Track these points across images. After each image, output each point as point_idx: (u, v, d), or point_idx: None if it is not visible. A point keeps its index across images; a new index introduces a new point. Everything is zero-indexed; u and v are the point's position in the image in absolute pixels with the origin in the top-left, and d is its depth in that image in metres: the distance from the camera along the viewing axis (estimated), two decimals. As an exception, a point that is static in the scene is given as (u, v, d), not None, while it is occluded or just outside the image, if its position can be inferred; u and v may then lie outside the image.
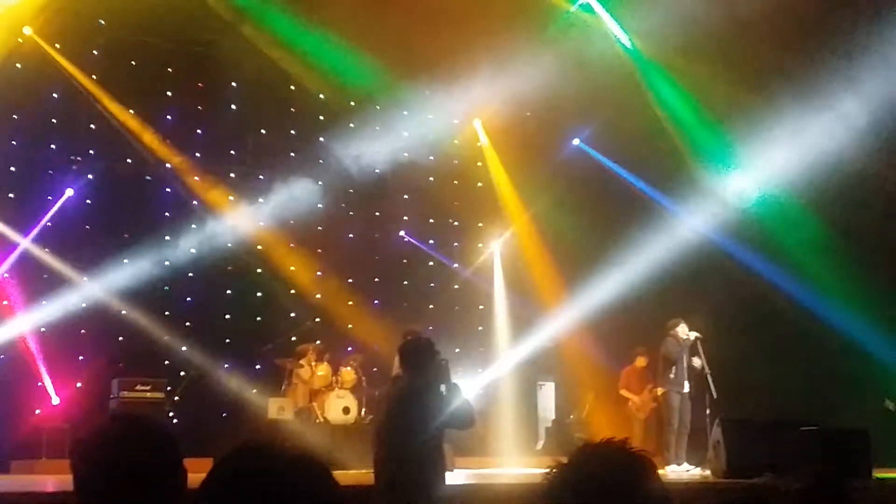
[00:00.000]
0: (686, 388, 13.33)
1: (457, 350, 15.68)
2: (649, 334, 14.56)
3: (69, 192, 14.32)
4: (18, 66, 13.89)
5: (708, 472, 12.29)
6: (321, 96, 15.89)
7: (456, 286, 17.31)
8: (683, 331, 13.39)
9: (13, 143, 14.05)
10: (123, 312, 14.19)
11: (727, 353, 13.80)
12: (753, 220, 15.80)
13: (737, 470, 11.31)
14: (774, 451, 11.21)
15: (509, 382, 16.11)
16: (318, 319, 15.64)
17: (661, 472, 8.33)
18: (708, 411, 13.00)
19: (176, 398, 13.98)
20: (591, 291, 16.13)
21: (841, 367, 14.61)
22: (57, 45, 14.29)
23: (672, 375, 13.34)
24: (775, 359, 14.81)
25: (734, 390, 13.43)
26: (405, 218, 17.14)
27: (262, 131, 15.87)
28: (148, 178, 15.02)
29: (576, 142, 17.67)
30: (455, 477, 11.17)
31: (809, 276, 15.08)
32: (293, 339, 14.96)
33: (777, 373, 14.52)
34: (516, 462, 14.43)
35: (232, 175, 15.70)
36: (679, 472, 12.86)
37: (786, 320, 15.09)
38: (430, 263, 17.20)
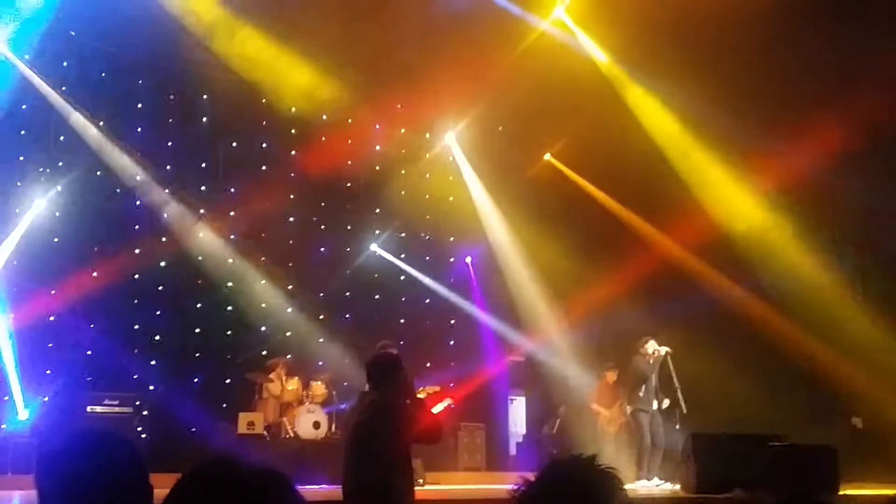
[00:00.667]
0: (655, 406, 13.35)
1: (428, 364, 15.67)
2: (620, 349, 14.63)
3: (39, 204, 14.20)
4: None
5: (678, 487, 12.32)
6: (293, 109, 15.85)
7: (427, 300, 17.29)
8: (653, 347, 13.42)
9: (-19, 154, 13.93)
10: (92, 326, 14.07)
11: (697, 369, 13.87)
12: (729, 237, 15.89)
13: (707, 485, 11.34)
14: (744, 466, 11.26)
15: (481, 397, 16.09)
16: (288, 334, 15.60)
17: (631, 486, 8.32)
18: (678, 426, 13.05)
19: (144, 413, 13.87)
20: (562, 306, 16.19)
21: (810, 383, 14.74)
22: (27, 57, 14.20)
23: (641, 394, 13.36)
24: (745, 375, 14.89)
25: (704, 406, 13.48)
26: (377, 232, 17.13)
27: (234, 144, 15.81)
28: (118, 190, 14.90)
29: (547, 156, 17.76)
30: (425, 492, 11.15)
31: (782, 293, 15.23)
32: (264, 353, 14.89)
33: (747, 389, 14.60)
34: (487, 477, 14.42)
35: (203, 188, 15.63)
36: (650, 487, 12.88)
37: (756, 336, 15.21)
38: (402, 278, 17.18)
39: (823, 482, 10.63)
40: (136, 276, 14.53)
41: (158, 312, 14.88)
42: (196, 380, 14.65)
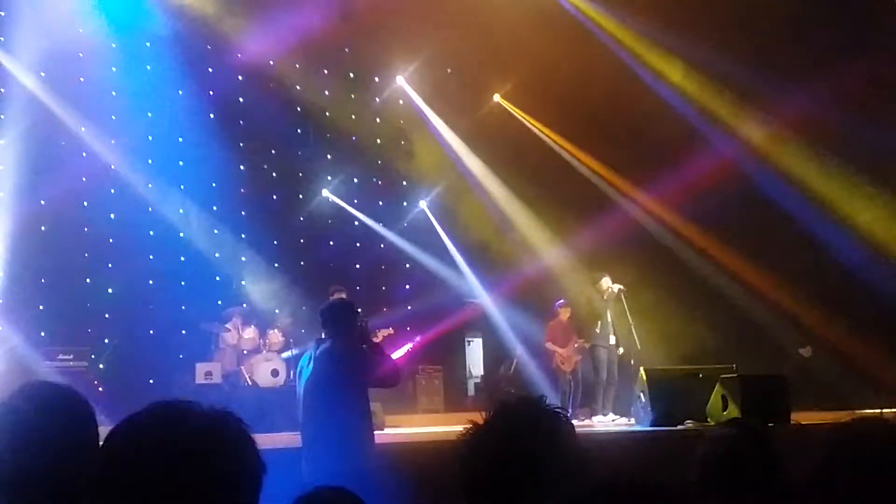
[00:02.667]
0: (612, 341, 13.53)
1: (384, 309, 15.72)
2: (573, 287, 14.76)
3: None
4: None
5: (633, 422, 12.54)
6: (239, 56, 15.61)
7: (381, 245, 17.26)
8: (607, 283, 13.58)
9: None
10: (42, 280, 13.91)
11: (650, 305, 14.05)
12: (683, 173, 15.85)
13: (661, 418, 11.56)
14: (696, 399, 11.49)
15: (438, 339, 16.17)
16: (243, 282, 15.55)
17: (588, 422, 8.48)
18: (632, 361, 13.25)
19: (101, 366, 13.78)
20: (515, 246, 16.26)
21: (758, 314, 15.00)
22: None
23: (597, 329, 13.53)
24: (695, 309, 15.09)
25: (657, 340, 13.68)
26: (329, 178, 17.01)
27: (179, 92, 15.53)
28: (62, 143, 14.61)
29: (496, 98, 17.68)
30: (385, 435, 11.25)
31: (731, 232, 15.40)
32: (219, 302, 14.83)
33: (698, 324, 14.82)
34: (446, 419, 14.54)
35: (150, 138, 15.36)
36: (606, 422, 13.10)
37: (704, 271, 15.43)
38: (356, 223, 17.12)
39: (774, 411, 10.86)
40: (86, 229, 14.34)
41: (110, 265, 14.71)
42: (151, 331, 14.56)
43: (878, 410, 11.88)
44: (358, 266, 16.71)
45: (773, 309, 15.00)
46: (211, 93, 15.81)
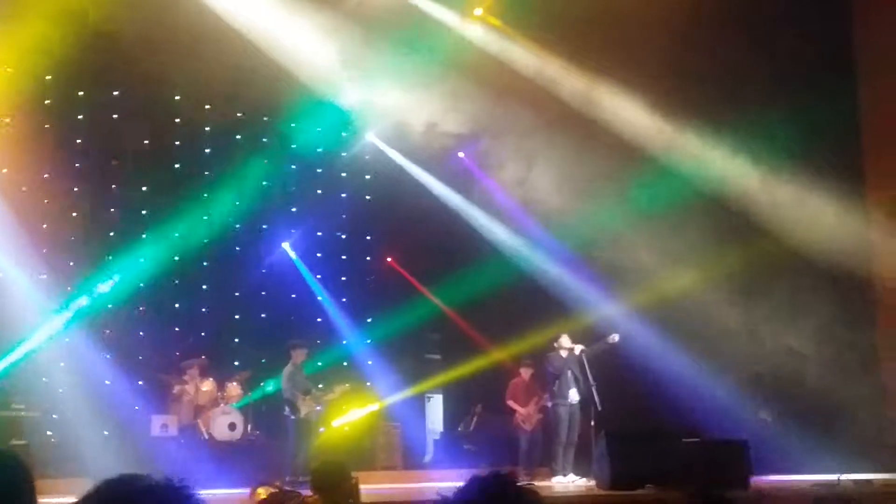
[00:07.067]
0: (571, 400, 13.50)
1: (345, 363, 15.62)
2: (536, 346, 14.74)
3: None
4: None
5: (593, 483, 12.46)
6: (207, 107, 15.59)
7: (344, 299, 17.08)
8: (567, 343, 13.60)
9: None
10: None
11: (611, 366, 14.04)
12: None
13: (621, 481, 11.50)
14: (657, 462, 11.45)
15: (398, 395, 16.05)
16: (202, 334, 15.35)
17: (546, 483, 8.45)
18: (592, 423, 13.20)
19: (54, 416, 13.49)
20: (474, 302, 16.19)
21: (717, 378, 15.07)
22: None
23: (556, 388, 13.53)
24: (657, 370, 15.11)
25: (618, 402, 13.65)
26: (292, 231, 16.86)
27: (146, 142, 15.44)
28: (24, 188, 14.45)
29: (460, 154, 17.65)
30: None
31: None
32: (177, 354, 14.64)
33: (658, 384, 14.82)
34: (404, 476, 14.41)
35: (113, 187, 15.24)
36: (565, 483, 13.02)
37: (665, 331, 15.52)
38: (318, 276, 16.97)
39: (735, 476, 10.86)
40: (43, 276, 14.13)
41: (67, 314, 14.48)
42: (107, 381, 14.32)
43: (836, 477, 11.93)
44: (319, 320, 16.55)
45: (733, 373, 15.08)
46: (177, 143, 15.72)
